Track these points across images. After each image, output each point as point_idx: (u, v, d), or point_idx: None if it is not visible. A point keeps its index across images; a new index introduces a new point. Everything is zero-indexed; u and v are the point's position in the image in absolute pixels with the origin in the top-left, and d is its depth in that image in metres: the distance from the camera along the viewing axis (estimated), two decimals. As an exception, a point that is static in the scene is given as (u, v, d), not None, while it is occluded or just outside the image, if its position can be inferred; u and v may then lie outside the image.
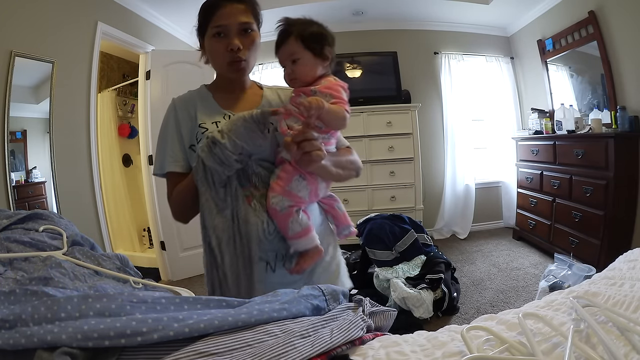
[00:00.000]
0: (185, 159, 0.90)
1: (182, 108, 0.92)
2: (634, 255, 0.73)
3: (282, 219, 0.82)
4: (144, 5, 3.00)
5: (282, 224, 0.83)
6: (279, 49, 0.86)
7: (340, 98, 0.82)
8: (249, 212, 0.83)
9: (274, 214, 0.83)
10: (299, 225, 0.83)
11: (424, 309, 2.11)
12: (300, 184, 0.84)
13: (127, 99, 3.84)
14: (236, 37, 0.85)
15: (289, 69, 0.86)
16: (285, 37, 0.85)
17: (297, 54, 0.84)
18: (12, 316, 0.45)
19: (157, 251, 3.10)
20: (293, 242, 0.84)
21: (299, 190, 0.84)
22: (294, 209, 0.83)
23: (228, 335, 0.45)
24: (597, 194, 2.47)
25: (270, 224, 0.83)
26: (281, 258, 0.85)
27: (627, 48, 2.56)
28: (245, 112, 0.80)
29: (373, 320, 0.59)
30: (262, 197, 0.85)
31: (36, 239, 0.98)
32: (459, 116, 3.83)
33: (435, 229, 3.92)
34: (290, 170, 0.83)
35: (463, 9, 3.46)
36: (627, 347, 0.44)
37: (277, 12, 3.02)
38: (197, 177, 0.83)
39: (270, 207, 0.83)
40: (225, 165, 0.80)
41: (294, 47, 0.84)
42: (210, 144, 0.79)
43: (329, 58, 0.87)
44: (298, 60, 0.85)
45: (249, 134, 0.79)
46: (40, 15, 2.08)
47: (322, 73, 0.88)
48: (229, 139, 0.78)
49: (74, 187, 2.36)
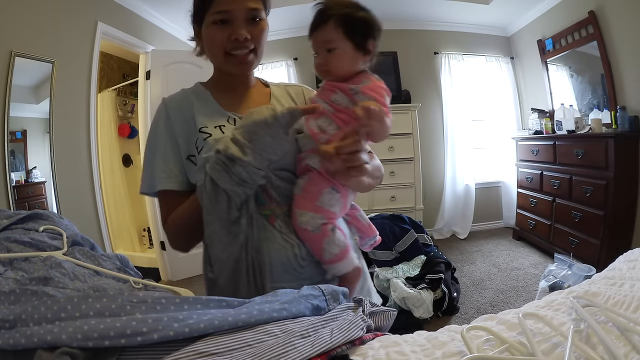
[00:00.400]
0: (183, 173, 0.75)
1: (175, 110, 0.77)
2: (634, 255, 0.73)
3: (315, 240, 0.68)
4: (144, 5, 3.00)
5: (315, 246, 0.69)
6: (314, 32, 0.72)
7: (384, 104, 0.69)
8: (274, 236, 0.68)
9: (303, 235, 0.69)
10: (337, 247, 0.69)
11: (424, 309, 2.11)
12: (332, 197, 0.70)
13: (127, 99, 3.84)
14: (243, 25, 0.71)
15: (322, 58, 0.72)
16: (323, 20, 0.70)
17: (335, 42, 0.70)
18: (12, 316, 0.45)
19: (157, 251, 3.10)
20: (330, 267, 0.70)
21: (332, 204, 0.70)
22: (328, 227, 0.69)
23: (228, 335, 0.45)
24: (597, 194, 2.47)
25: (302, 248, 0.69)
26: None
27: (627, 48, 2.56)
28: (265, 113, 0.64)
29: (373, 320, 0.59)
30: (287, 215, 0.70)
31: (36, 239, 0.98)
32: (459, 116, 3.83)
33: (435, 229, 3.92)
34: (319, 181, 0.69)
35: (463, 9, 3.46)
36: (627, 347, 0.44)
37: (276, 12, 3.02)
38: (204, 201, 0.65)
39: (299, 226, 0.68)
40: (248, 184, 0.64)
41: (332, 33, 0.69)
42: (225, 161, 0.62)
43: (372, 52, 0.73)
44: (334, 51, 0.70)
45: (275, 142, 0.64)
46: (40, 16, 2.08)
47: (361, 69, 0.74)
48: (253, 153, 0.62)
49: (74, 187, 2.36)
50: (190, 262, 3.05)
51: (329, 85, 0.74)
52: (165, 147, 0.75)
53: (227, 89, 0.81)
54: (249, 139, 0.63)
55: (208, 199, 0.64)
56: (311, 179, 0.70)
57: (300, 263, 0.69)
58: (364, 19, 0.71)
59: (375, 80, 0.73)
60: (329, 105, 0.71)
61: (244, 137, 0.63)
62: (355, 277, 0.73)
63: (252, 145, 0.63)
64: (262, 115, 0.64)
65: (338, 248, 0.69)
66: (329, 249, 0.68)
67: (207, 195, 0.64)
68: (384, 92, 0.71)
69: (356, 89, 0.70)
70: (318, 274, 0.71)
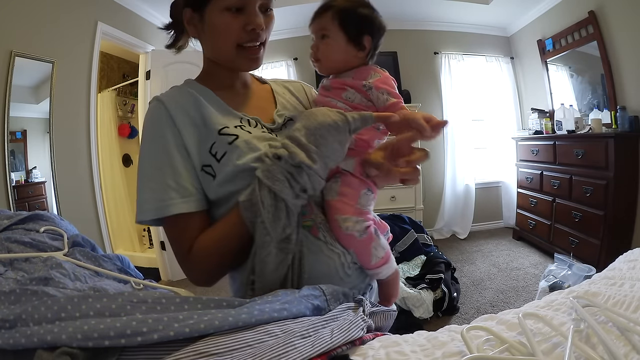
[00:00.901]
0: (200, 191, 0.62)
1: (178, 110, 0.63)
2: (634, 255, 0.73)
3: (363, 245, 0.65)
4: (144, 5, 3.00)
5: (363, 251, 0.65)
6: (314, 20, 0.72)
7: (398, 96, 0.68)
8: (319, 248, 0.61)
9: (350, 242, 0.64)
10: (382, 249, 0.67)
11: (424, 309, 2.11)
12: (369, 198, 0.67)
13: (127, 99, 3.85)
14: (259, 13, 0.63)
15: (315, 44, 0.72)
16: (323, 10, 0.71)
17: (328, 30, 0.70)
18: (12, 316, 0.45)
19: (157, 251, 3.10)
20: (375, 272, 0.67)
21: (368, 205, 0.68)
22: (372, 229, 0.66)
23: (228, 336, 0.45)
24: (597, 194, 2.47)
25: (347, 256, 0.64)
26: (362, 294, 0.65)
27: (627, 48, 2.56)
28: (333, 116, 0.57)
29: (373, 320, 0.59)
30: (325, 224, 0.64)
31: (37, 239, 0.98)
32: (459, 116, 3.83)
33: (435, 229, 3.92)
34: (355, 184, 0.66)
35: (463, 9, 3.46)
36: (627, 347, 0.44)
37: (276, 12, 3.00)
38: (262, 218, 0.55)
39: (344, 233, 0.63)
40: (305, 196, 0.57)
41: (328, 22, 0.70)
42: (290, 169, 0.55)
43: (367, 49, 0.71)
44: (326, 38, 0.71)
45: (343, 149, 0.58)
46: (40, 15, 2.08)
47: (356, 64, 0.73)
48: (320, 160, 0.56)
49: (74, 187, 2.36)
50: (190, 262, 3.05)
51: (336, 82, 0.72)
52: (173, 159, 0.61)
53: (225, 86, 0.71)
54: (316, 143, 0.56)
55: (267, 214, 0.54)
56: (345, 182, 0.66)
57: (347, 272, 0.64)
58: (363, 15, 0.70)
59: (382, 71, 0.72)
60: (344, 103, 0.70)
61: (310, 142, 0.56)
62: (396, 279, 0.71)
63: (319, 151, 0.56)
64: (330, 118, 0.57)
65: (383, 251, 0.67)
66: (376, 252, 0.66)
67: (266, 211, 0.54)
68: (394, 82, 0.71)
69: (368, 84, 0.68)
70: (362, 281, 0.68)
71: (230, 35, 0.63)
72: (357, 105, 0.70)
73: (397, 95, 0.68)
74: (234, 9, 0.61)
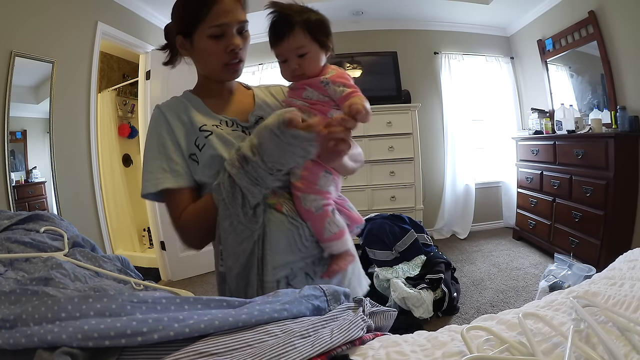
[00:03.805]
0: (188, 172, 0.78)
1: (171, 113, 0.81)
2: (634, 255, 0.73)
3: (318, 220, 0.76)
4: (144, 5, 3.00)
5: (318, 225, 0.76)
6: (282, 41, 0.75)
7: (354, 87, 0.76)
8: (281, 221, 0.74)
9: (307, 216, 0.76)
10: (336, 226, 0.77)
11: (424, 309, 2.11)
12: (328, 180, 0.78)
13: (127, 99, 3.84)
14: (236, 35, 0.76)
15: (295, 63, 0.77)
16: (289, 28, 0.74)
17: (306, 47, 0.75)
18: (12, 316, 0.45)
19: (157, 251, 3.10)
20: (328, 245, 0.78)
21: (328, 186, 0.78)
22: (329, 208, 0.78)
23: (228, 336, 0.45)
24: (597, 194, 2.47)
25: (305, 229, 0.76)
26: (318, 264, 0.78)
27: (627, 48, 2.56)
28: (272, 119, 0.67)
29: (373, 320, 0.59)
30: (290, 201, 0.77)
31: (37, 239, 0.98)
32: (459, 116, 3.84)
33: (435, 229, 3.93)
34: (314, 167, 0.76)
35: (463, 9, 3.46)
36: (627, 347, 0.44)
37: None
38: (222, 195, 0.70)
39: (304, 208, 0.76)
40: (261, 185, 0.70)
41: (302, 39, 0.74)
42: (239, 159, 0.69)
43: (330, 48, 0.80)
44: (306, 55, 0.76)
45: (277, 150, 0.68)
46: (40, 16, 2.08)
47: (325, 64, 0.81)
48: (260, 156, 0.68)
49: (74, 187, 2.36)
50: (190, 262, 3.05)
51: (298, 84, 0.80)
52: (168, 149, 0.78)
53: (213, 94, 0.86)
54: (259, 141, 0.68)
55: (226, 194, 0.69)
56: (307, 166, 0.76)
57: (304, 244, 0.76)
58: (321, 20, 0.78)
59: (338, 69, 0.80)
60: (303, 101, 0.78)
61: (254, 139, 0.69)
62: (348, 257, 0.80)
63: (260, 148, 0.68)
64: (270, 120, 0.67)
65: (337, 228, 0.77)
66: (330, 227, 0.76)
67: (225, 190, 0.70)
68: (349, 76, 0.79)
69: (326, 80, 0.76)
70: (318, 253, 0.79)
71: (215, 58, 0.77)
72: (315, 102, 0.78)
73: (352, 86, 0.76)
74: (214, 37, 0.75)
